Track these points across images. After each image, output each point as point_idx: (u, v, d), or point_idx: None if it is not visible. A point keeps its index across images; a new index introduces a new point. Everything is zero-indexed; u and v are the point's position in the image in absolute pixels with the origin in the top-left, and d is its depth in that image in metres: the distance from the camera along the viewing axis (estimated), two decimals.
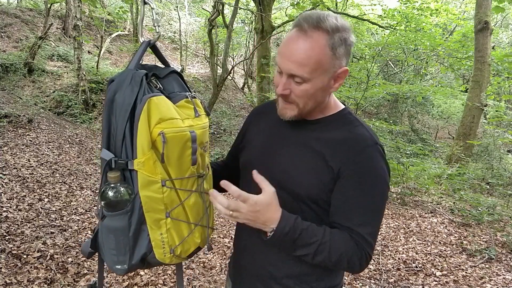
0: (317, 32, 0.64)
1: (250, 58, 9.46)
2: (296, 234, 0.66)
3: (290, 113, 0.73)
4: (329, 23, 0.65)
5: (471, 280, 2.44)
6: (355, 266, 0.69)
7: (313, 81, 0.68)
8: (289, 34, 0.69)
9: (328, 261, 0.68)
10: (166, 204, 0.69)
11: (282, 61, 0.68)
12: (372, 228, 0.70)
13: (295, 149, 0.75)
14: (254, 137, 0.85)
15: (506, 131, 5.62)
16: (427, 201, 4.18)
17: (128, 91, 0.66)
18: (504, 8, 3.52)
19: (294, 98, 0.70)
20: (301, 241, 0.67)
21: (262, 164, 0.78)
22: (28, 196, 3.05)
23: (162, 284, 2.09)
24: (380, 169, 0.70)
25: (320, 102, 0.73)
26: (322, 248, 0.67)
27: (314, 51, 0.65)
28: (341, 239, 0.68)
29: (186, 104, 0.75)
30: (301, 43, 0.65)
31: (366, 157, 0.70)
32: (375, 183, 0.70)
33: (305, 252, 0.68)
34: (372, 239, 0.70)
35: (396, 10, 7.36)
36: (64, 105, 6.94)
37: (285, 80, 0.69)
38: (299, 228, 0.67)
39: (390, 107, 9.55)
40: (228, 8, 8.75)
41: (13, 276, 1.94)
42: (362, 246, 0.69)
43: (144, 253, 0.69)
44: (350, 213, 0.70)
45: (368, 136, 0.72)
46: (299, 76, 0.67)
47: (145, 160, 0.65)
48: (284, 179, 0.74)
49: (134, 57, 0.72)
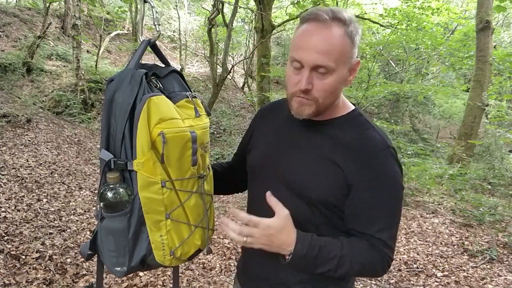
0: (336, 22, 0.65)
1: (250, 57, 9.44)
2: (314, 253, 0.66)
3: (308, 110, 0.69)
4: (344, 13, 0.66)
5: (472, 281, 2.43)
6: (379, 272, 0.70)
7: (337, 72, 0.66)
8: (303, 28, 0.67)
9: (351, 271, 0.68)
10: (166, 205, 0.68)
11: (304, 54, 0.65)
12: (392, 232, 0.70)
13: (304, 151, 0.74)
14: (262, 138, 0.83)
15: (507, 131, 5.60)
16: (428, 201, 4.16)
17: (128, 91, 0.65)
18: (505, 7, 3.50)
19: (315, 94, 0.68)
20: (321, 259, 0.66)
21: (270, 165, 0.77)
22: (27, 196, 3.03)
23: (161, 285, 2.08)
24: (394, 172, 0.70)
25: (337, 97, 0.72)
26: (342, 262, 0.67)
27: (337, 39, 0.64)
28: (360, 249, 0.68)
29: (186, 104, 0.74)
30: (323, 33, 0.64)
31: (379, 163, 0.68)
32: (391, 188, 0.69)
33: (327, 268, 0.67)
34: (393, 242, 0.70)
35: (397, 9, 7.33)
36: (62, 105, 6.92)
37: (308, 73, 0.66)
38: (316, 246, 0.66)
39: (391, 106, 9.54)
40: (228, 7, 8.72)
41: (11, 276, 1.93)
42: (384, 251, 0.69)
43: (144, 255, 0.69)
44: (369, 220, 0.69)
45: (380, 139, 0.70)
46: (325, 66, 0.64)
47: (144, 161, 0.64)
48: (293, 181, 0.72)
49: (134, 56, 0.71)
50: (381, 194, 0.69)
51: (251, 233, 0.64)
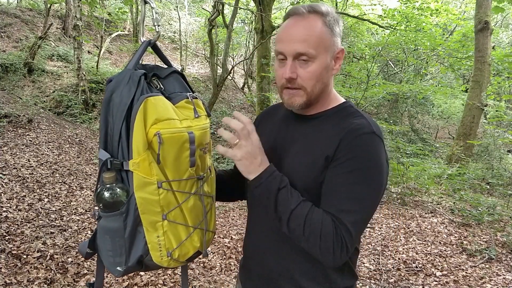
0: (313, 14, 0.70)
1: (250, 58, 9.45)
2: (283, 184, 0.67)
3: (299, 100, 0.72)
4: (321, 6, 0.71)
5: (471, 280, 2.44)
6: (329, 252, 0.64)
7: (319, 59, 0.69)
8: (284, 24, 0.72)
9: (301, 232, 0.65)
10: (162, 206, 0.68)
11: (285, 45, 0.69)
12: (356, 217, 0.65)
13: (297, 145, 0.75)
14: (261, 142, 0.85)
15: (506, 131, 5.62)
16: (427, 201, 4.18)
17: (125, 91, 0.66)
18: (503, 8, 3.52)
19: (301, 82, 0.70)
20: (284, 194, 0.66)
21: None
22: (28, 196, 3.05)
23: (162, 284, 2.09)
24: (374, 156, 0.67)
25: (325, 85, 0.73)
26: (299, 213, 0.65)
27: (315, 28, 0.69)
28: (320, 216, 0.65)
29: (186, 105, 0.74)
30: (301, 24, 0.69)
31: (360, 143, 0.67)
32: (367, 170, 0.66)
33: (283, 209, 0.66)
34: (354, 229, 0.65)
35: (396, 10, 7.36)
36: (64, 105, 6.94)
37: (291, 62, 0.69)
38: (286, 182, 0.68)
39: (390, 107, 9.54)
40: (228, 8, 8.75)
41: (13, 276, 1.94)
42: (342, 233, 0.64)
43: (141, 255, 0.68)
44: (335, 198, 0.67)
45: (366, 124, 0.69)
46: (305, 53, 0.68)
47: (140, 161, 0.65)
48: (293, 178, 0.72)
49: (134, 57, 0.72)
50: (353, 175, 0.66)
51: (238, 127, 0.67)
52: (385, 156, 0.70)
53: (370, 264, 2.65)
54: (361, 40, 9.80)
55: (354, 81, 6.77)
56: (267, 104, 6.84)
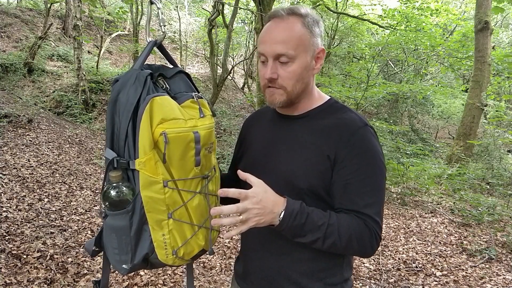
0: (292, 16, 0.72)
1: (250, 58, 9.46)
2: (303, 218, 0.66)
3: (279, 98, 0.74)
4: (300, 9, 0.73)
5: (471, 280, 2.44)
6: (367, 247, 0.69)
7: (298, 59, 0.71)
8: (266, 26, 0.75)
9: (339, 243, 0.67)
10: (168, 204, 0.68)
11: (265, 46, 0.72)
12: (377, 207, 0.70)
13: (288, 144, 0.77)
14: (250, 145, 0.86)
15: (506, 131, 5.62)
16: (427, 201, 4.18)
17: (132, 91, 0.66)
18: (503, 8, 3.52)
19: (281, 82, 0.73)
20: (309, 225, 0.66)
21: (259, 165, 0.79)
22: (28, 196, 3.05)
23: (162, 284, 2.09)
24: (374, 147, 0.71)
25: (306, 84, 0.75)
26: (330, 230, 0.67)
27: (294, 29, 0.71)
28: (348, 220, 0.68)
29: (191, 105, 0.74)
30: (281, 25, 0.72)
31: (359, 138, 0.71)
32: (372, 162, 0.70)
33: (315, 236, 0.67)
34: (379, 218, 0.70)
35: (396, 10, 7.37)
36: (64, 105, 6.94)
37: (272, 63, 0.72)
38: (305, 211, 0.67)
39: (390, 107, 9.54)
40: (228, 8, 8.76)
41: (13, 276, 1.94)
42: (371, 225, 0.68)
43: (146, 253, 0.69)
44: (353, 196, 0.70)
45: (357, 118, 0.73)
46: (285, 54, 0.70)
47: (146, 160, 0.65)
48: (288, 176, 0.74)
49: (140, 57, 0.73)
50: (365, 170, 0.69)
51: (245, 206, 0.63)
52: (378, 142, 0.74)
53: (370, 264, 2.65)
54: (361, 40, 9.81)
55: (354, 81, 6.78)
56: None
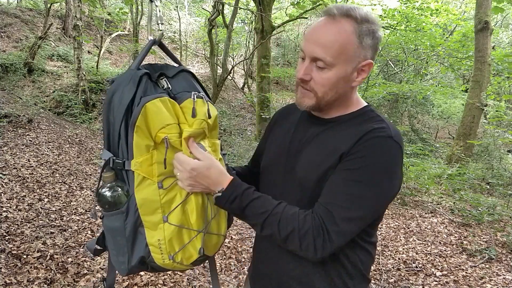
0: (345, 19, 0.64)
1: (250, 58, 9.45)
2: (244, 203, 0.66)
3: (308, 102, 0.70)
4: (359, 12, 0.65)
5: (471, 280, 2.44)
6: (309, 248, 0.62)
7: (336, 68, 0.65)
8: (315, 22, 0.69)
9: (277, 235, 0.64)
10: (163, 207, 0.67)
11: (306, 44, 0.67)
12: (349, 214, 0.62)
13: (313, 148, 0.73)
14: (275, 141, 0.83)
15: (506, 131, 5.61)
16: (427, 201, 4.18)
17: (125, 92, 0.66)
18: (503, 8, 3.52)
19: (313, 86, 0.68)
20: (250, 210, 0.66)
21: (279, 164, 0.76)
22: (28, 196, 3.05)
23: (162, 284, 2.09)
24: (385, 159, 0.63)
25: (340, 95, 0.69)
26: (271, 220, 0.64)
27: (340, 35, 0.64)
28: (296, 214, 0.64)
29: (188, 105, 0.73)
30: (329, 27, 0.65)
31: (372, 144, 0.63)
32: (372, 171, 0.63)
33: (253, 221, 0.67)
34: (344, 226, 0.62)
35: (396, 10, 7.36)
36: (64, 105, 6.94)
37: (307, 64, 0.67)
38: (250, 197, 0.66)
39: (390, 107, 9.54)
40: (228, 8, 8.75)
41: (13, 276, 1.94)
42: (325, 227, 0.62)
43: (142, 256, 0.68)
44: (332, 192, 0.64)
45: (386, 128, 0.66)
46: (322, 59, 0.65)
47: (142, 161, 0.65)
48: (302, 179, 0.71)
49: (137, 57, 0.72)
50: (357, 173, 0.63)
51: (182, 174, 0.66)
52: (400, 162, 0.65)
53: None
54: None
55: None
56: (267, 104, 6.84)
